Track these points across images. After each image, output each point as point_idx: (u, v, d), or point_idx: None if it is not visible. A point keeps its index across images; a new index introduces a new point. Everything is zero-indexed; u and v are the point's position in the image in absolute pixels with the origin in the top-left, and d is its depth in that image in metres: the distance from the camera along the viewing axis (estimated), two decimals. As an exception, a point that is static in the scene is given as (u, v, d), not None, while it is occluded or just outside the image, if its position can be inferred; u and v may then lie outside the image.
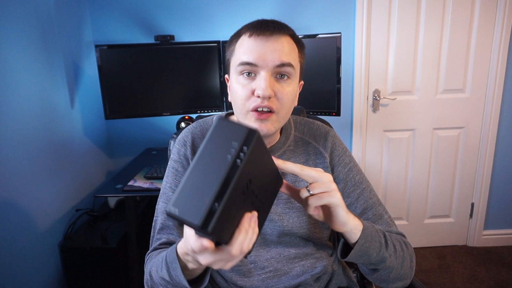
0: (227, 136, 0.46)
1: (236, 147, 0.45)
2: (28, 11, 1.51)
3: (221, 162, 0.45)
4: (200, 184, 0.44)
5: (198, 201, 0.43)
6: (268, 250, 0.84)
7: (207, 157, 0.46)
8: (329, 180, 0.62)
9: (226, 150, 0.45)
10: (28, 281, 1.47)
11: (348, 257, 0.69)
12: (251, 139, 0.46)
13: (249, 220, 0.50)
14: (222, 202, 0.43)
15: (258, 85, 0.73)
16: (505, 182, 2.22)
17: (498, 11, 1.96)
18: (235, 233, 0.49)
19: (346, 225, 0.65)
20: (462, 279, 2.01)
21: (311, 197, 0.61)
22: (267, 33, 0.73)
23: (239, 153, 0.45)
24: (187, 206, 0.44)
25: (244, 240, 0.49)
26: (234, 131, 0.47)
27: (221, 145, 0.46)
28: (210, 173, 0.45)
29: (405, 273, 0.76)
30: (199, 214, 0.43)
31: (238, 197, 0.47)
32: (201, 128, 0.89)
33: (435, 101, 2.11)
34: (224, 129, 0.47)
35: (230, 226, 0.49)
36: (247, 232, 0.50)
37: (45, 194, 1.58)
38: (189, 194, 0.44)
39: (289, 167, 0.60)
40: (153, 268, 0.73)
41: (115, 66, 1.75)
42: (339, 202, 0.63)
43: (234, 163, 0.45)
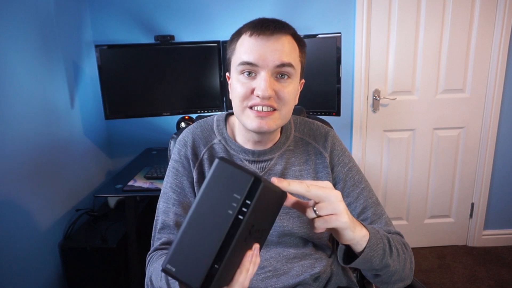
0: (228, 185, 0.42)
1: (239, 200, 0.41)
2: (28, 11, 1.51)
3: (221, 218, 0.41)
4: (199, 242, 0.41)
5: (197, 262, 0.40)
6: (267, 250, 0.84)
7: (206, 208, 0.42)
8: (338, 200, 0.58)
9: (227, 203, 0.41)
10: (28, 281, 1.47)
11: (351, 265, 0.68)
12: (256, 190, 0.42)
13: (251, 258, 0.48)
14: (222, 263, 0.40)
15: (258, 85, 0.73)
16: (505, 182, 2.22)
17: (498, 11, 1.96)
18: (236, 274, 0.47)
19: (352, 241, 0.63)
20: (462, 279, 2.01)
21: (318, 219, 0.58)
22: (267, 33, 0.73)
23: (241, 208, 0.41)
24: (185, 266, 0.41)
25: (245, 279, 0.48)
26: (236, 179, 0.42)
27: (221, 195, 0.42)
28: (209, 230, 0.41)
29: (406, 274, 0.76)
30: (197, 278, 0.40)
31: (240, 246, 0.44)
32: (202, 128, 0.89)
33: (435, 101, 2.11)
34: (224, 175, 0.43)
35: (231, 272, 0.46)
36: (248, 271, 0.48)
37: (45, 194, 1.58)
38: (186, 252, 0.41)
39: (295, 189, 0.55)
40: (154, 274, 0.74)
41: (115, 66, 1.75)
42: (346, 226, 0.59)
43: (236, 219, 0.41)
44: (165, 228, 0.82)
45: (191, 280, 0.40)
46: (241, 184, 0.42)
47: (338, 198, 0.58)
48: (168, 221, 0.82)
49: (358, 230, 0.63)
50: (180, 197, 0.83)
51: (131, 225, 1.65)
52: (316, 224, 0.58)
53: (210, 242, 0.41)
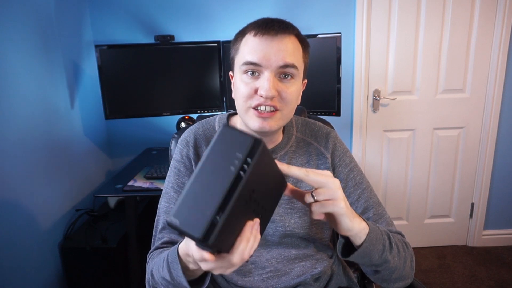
0: (231, 146, 0.45)
1: (240, 158, 0.44)
2: (28, 11, 1.51)
3: (224, 174, 0.44)
4: (202, 196, 0.43)
5: (200, 213, 0.42)
6: (268, 251, 0.84)
7: (210, 166, 0.45)
8: (336, 186, 0.59)
9: (229, 160, 0.44)
10: (28, 281, 1.47)
11: (349, 258, 0.69)
12: (256, 150, 0.45)
13: (251, 228, 0.50)
14: (224, 215, 0.42)
15: (261, 85, 0.73)
16: (505, 182, 2.22)
17: (498, 11, 1.96)
18: (237, 242, 0.49)
19: (350, 231, 0.64)
20: (462, 279, 2.02)
21: (315, 204, 0.59)
22: (272, 33, 0.73)
23: (242, 165, 0.44)
24: (189, 218, 0.43)
25: (245, 248, 0.49)
26: (239, 140, 0.45)
27: (224, 155, 0.45)
28: (212, 184, 0.44)
29: (406, 273, 0.76)
30: (200, 227, 0.42)
31: (241, 207, 0.46)
32: (204, 128, 0.89)
33: (435, 101, 2.11)
34: (228, 138, 0.46)
35: (232, 236, 0.48)
36: (248, 240, 0.49)
37: (45, 194, 1.58)
38: (190, 205, 0.43)
39: (294, 172, 0.58)
40: (155, 267, 0.73)
41: (115, 66, 1.75)
42: (343, 212, 0.60)
43: (238, 175, 0.44)
44: (166, 228, 0.82)
45: (194, 229, 0.42)
46: (243, 144, 0.45)
47: (336, 185, 0.60)
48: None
49: (357, 222, 0.64)
50: None
51: (131, 225, 1.65)
52: (313, 209, 0.59)
53: (213, 195, 0.43)
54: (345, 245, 0.70)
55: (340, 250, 0.70)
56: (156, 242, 0.83)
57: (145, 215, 1.94)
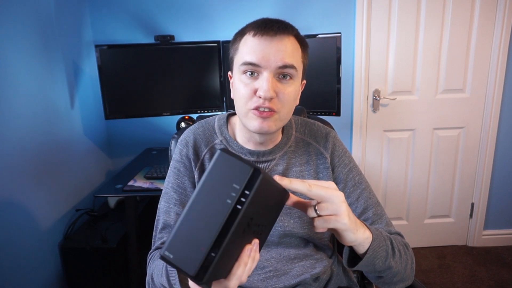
0: (228, 175, 0.42)
1: (238, 190, 0.42)
2: (28, 11, 1.51)
3: (220, 207, 0.42)
4: (197, 230, 0.41)
5: (194, 249, 0.41)
6: (268, 251, 0.84)
7: (206, 197, 0.43)
8: (340, 200, 0.57)
9: (226, 192, 0.42)
10: (28, 281, 1.47)
11: (355, 267, 0.68)
12: (255, 181, 0.42)
13: (249, 251, 0.48)
14: (219, 251, 0.41)
15: (260, 86, 0.73)
16: (505, 182, 2.22)
17: (498, 11, 1.96)
18: (234, 268, 0.47)
19: (353, 242, 0.63)
20: (462, 279, 2.02)
21: (318, 219, 0.57)
22: (271, 33, 0.73)
23: (240, 198, 0.42)
24: (182, 253, 0.41)
25: (242, 273, 0.47)
26: (236, 170, 0.42)
27: (221, 185, 0.42)
28: (208, 218, 0.42)
29: (407, 275, 0.76)
30: (194, 265, 0.40)
31: (238, 238, 0.44)
32: (203, 128, 0.89)
33: (435, 101, 2.11)
34: (225, 166, 0.43)
35: (228, 264, 0.46)
36: (246, 264, 0.48)
37: (45, 194, 1.58)
38: (184, 240, 0.42)
39: (296, 187, 0.55)
40: (155, 271, 0.74)
41: (115, 66, 1.75)
42: (347, 228, 0.59)
43: (235, 208, 0.41)
44: (166, 228, 0.82)
45: (187, 267, 0.41)
46: (240, 175, 0.42)
47: (341, 199, 0.58)
48: (169, 221, 0.82)
49: (360, 232, 0.63)
50: (182, 197, 0.83)
51: (131, 225, 1.65)
52: (316, 223, 0.58)
53: (208, 230, 0.41)
54: (350, 253, 0.70)
55: (346, 260, 0.70)
56: (157, 242, 0.83)
57: (145, 215, 1.94)
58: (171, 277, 0.66)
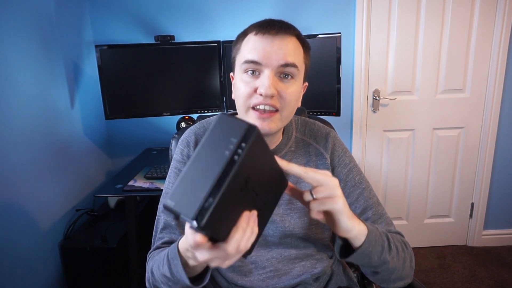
0: (227, 133, 0.46)
1: (235, 143, 0.45)
2: (28, 11, 1.51)
3: (218, 158, 0.45)
4: (197, 179, 0.44)
5: (194, 195, 0.44)
6: (269, 251, 0.84)
7: (206, 152, 0.46)
8: (334, 184, 0.60)
9: (224, 146, 0.45)
10: (28, 281, 1.47)
11: (348, 259, 0.68)
12: (250, 136, 0.46)
13: (248, 218, 0.49)
14: (217, 197, 0.43)
15: (261, 84, 0.73)
16: (505, 182, 2.22)
17: (498, 11, 1.96)
18: (232, 231, 0.49)
19: (350, 232, 0.64)
20: (462, 279, 2.02)
21: (314, 201, 0.59)
22: (272, 32, 0.73)
23: (237, 149, 0.45)
24: (183, 200, 0.44)
25: (241, 238, 0.49)
26: (234, 127, 0.46)
27: (220, 141, 0.46)
28: (207, 168, 0.45)
29: (406, 273, 0.76)
30: (193, 208, 0.43)
31: (236, 194, 0.47)
32: (204, 128, 0.89)
33: (435, 101, 2.11)
34: (224, 126, 0.47)
35: (227, 224, 0.48)
36: (244, 230, 0.49)
37: (45, 194, 1.58)
38: (186, 189, 0.44)
39: (293, 169, 0.58)
40: (155, 265, 0.74)
41: (115, 66, 1.75)
42: (342, 209, 0.60)
43: (231, 159, 0.44)
44: (166, 228, 0.82)
45: (187, 211, 0.43)
46: (238, 130, 0.46)
47: (335, 184, 0.60)
48: (170, 221, 0.82)
49: (356, 222, 0.64)
50: None
51: (131, 225, 1.65)
52: (311, 206, 0.60)
53: (206, 178, 0.44)
54: (343, 246, 0.70)
55: (338, 251, 0.70)
56: (157, 242, 0.83)
57: (145, 215, 1.94)
58: (172, 264, 0.65)
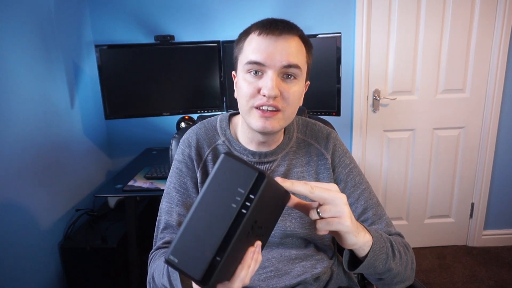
0: (233, 180, 0.43)
1: (243, 194, 0.42)
2: (28, 11, 1.51)
3: (225, 211, 0.42)
4: (202, 234, 0.42)
5: (199, 253, 0.41)
6: (269, 251, 0.84)
7: (211, 201, 0.43)
8: (342, 203, 0.57)
9: (231, 196, 0.42)
10: (28, 281, 1.47)
11: (356, 271, 0.68)
12: (259, 185, 0.43)
13: (252, 254, 0.48)
14: (224, 255, 0.41)
15: (264, 85, 0.73)
16: (505, 182, 2.22)
17: (498, 11, 1.96)
18: (237, 270, 0.47)
19: (354, 245, 0.63)
20: (462, 279, 2.02)
21: (320, 221, 0.57)
22: (276, 33, 0.73)
23: (245, 202, 0.42)
24: (188, 257, 0.41)
25: (246, 275, 0.48)
26: (241, 174, 0.43)
27: (225, 189, 0.43)
28: (212, 222, 0.42)
29: (407, 276, 0.76)
30: (199, 269, 0.41)
31: (242, 240, 0.44)
32: (206, 129, 0.89)
33: (435, 101, 2.11)
34: (229, 170, 0.44)
35: (232, 267, 0.46)
36: (249, 267, 0.48)
37: (45, 194, 1.58)
38: (189, 244, 0.42)
39: (298, 189, 0.55)
40: (156, 271, 0.74)
41: (115, 66, 1.75)
42: (349, 230, 0.58)
43: (240, 213, 0.42)
44: (168, 228, 0.82)
45: (193, 271, 0.41)
46: (245, 179, 0.42)
47: (343, 202, 0.57)
48: (171, 221, 0.82)
49: (361, 236, 0.63)
50: (184, 197, 0.83)
51: (131, 225, 1.65)
52: (318, 226, 0.58)
53: (213, 234, 0.41)
54: (350, 256, 0.70)
55: (347, 264, 0.70)
56: (158, 242, 0.83)
57: (145, 215, 1.94)
58: (172, 278, 0.65)
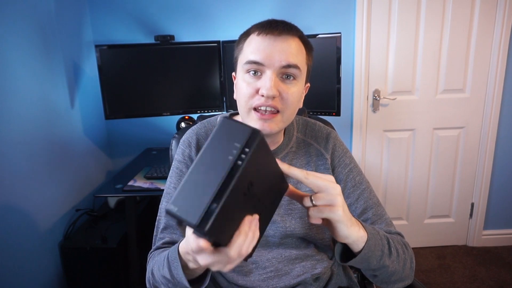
0: (230, 137, 0.46)
1: (238, 148, 0.45)
2: (28, 11, 1.51)
3: (222, 163, 0.44)
4: (200, 184, 0.44)
5: (197, 200, 0.43)
6: (269, 251, 0.84)
7: (209, 156, 0.46)
8: (336, 192, 0.58)
9: (228, 150, 0.45)
10: (28, 281, 1.47)
11: (347, 263, 0.69)
12: (254, 140, 0.45)
13: (250, 223, 0.49)
14: (220, 203, 0.43)
15: (263, 85, 0.73)
16: (505, 182, 2.22)
17: (498, 11, 1.96)
18: (234, 236, 0.48)
19: (348, 238, 0.64)
20: (462, 279, 2.02)
21: (313, 208, 0.59)
22: (275, 33, 0.73)
23: (240, 154, 0.45)
24: (186, 205, 0.44)
25: (243, 243, 0.49)
26: (237, 131, 0.46)
27: (223, 145, 0.46)
28: (210, 173, 0.44)
29: (406, 275, 0.76)
30: (196, 214, 0.42)
31: (239, 199, 0.46)
32: (206, 129, 0.89)
33: (435, 101, 2.11)
34: (228, 129, 0.47)
35: (229, 228, 0.48)
36: (246, 235, 0.49)
37: (45, 194, 1.58)
38: (188, 193, 0.44)
39: (294, 173, 0.57)
40: (155, 266, 0.74)
41: (115, 66, 1.75)
42: (340, 219, 0.59)
43: (235, 164, 0.44)
44: (167, 228, 0.82)
45: (189, 216, 0.43)
46: (241, 135, 0.46)
47: (337, 191, 0.59)
48: (170, 221, 0.82)
49: (355, 230, 0.64)
50: None
51: (131, 225, 1.65)
52: (310, 213, 0.59)
53: (210, 183, 0.44)
54: (344, 250, 0.70)
55: (339, 255, 0.70)
56: (157, 242, 0.83)
57: (145, 215, 1.94)
58: (173, 267, 0.65)
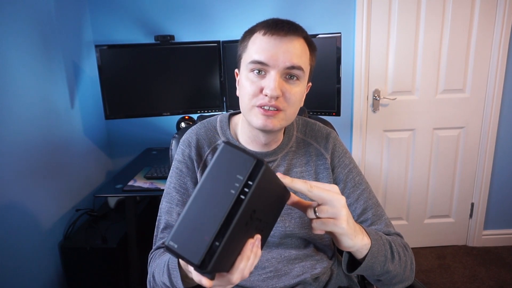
0: (232, 167, 0.43)
1: (241, 180, 0.42)
2: (28, 11, 1.51)
3: (224, 197, 0.42)
4: (201, 220, 0.42)
5: (198, 238, 0.41)
6: (269, 251, 0.85)
7: (210, 188, 0.43)
8: (340, 205, 0.57)
9: (230, 183, 0.43)
10: (28, 281, 1.47)
11: (354, 273, 0.69)
12: (258, 172, 0.43)
13: (252, 246, 0.49)
14: (223, 240, 0.41)
15: (267, 85, 0.73)
16: (505, 182, 2.22)
17: (498, 11, 1.96)
18: (237, 261, 0.47)
19: (351, 248, 0.63)
20: (462, 279, 2.02)
21: (316, 220, 0.58)
22: (281, 33, 0.73)
23: (243, 188, 0.42)
24: (187, 242, 0.42)
25: (245, 267, 0.48)
26: (240, 161, 0.43)
27: (225, 176, 0.43)
28: (212, 208, 0.42)
29: (406, 276, 0.77)
30: (198, 254, 0.41)
31: (241, 229, 0.45)
32: (206, 129, 0.89)
33: (435, 101, 2.11)
34: (229, 158, 0.44)
35: (231, 257, 0.47)
36: (248, 258, 0.48)
37: (45, 194, 1.58)
38: (189, 229, 0.42)
39: (298, 186, 0.55)
40: (156, 270, 0.74)
41: (115, 66, 1.75)
42: (344, 232, 0.58)
43: (238, 198, 0.42)
44: (168, 228, 0.83)
45: (191, 255, 0.41)
46: (244, 166, 0.43)
47: (341, 204, 0.57)
48: (171, 221, 0.82)
49: (359, 239, 0.63)
50: (184, 197, 0.83)
51: (131, 225, 1.65)
52: (313, 225, 0.58)
53: (212, 219, 0.42)
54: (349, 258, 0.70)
55: (346, 266, 0.70)
56: (158, 242, 0.83)
57: (145, 215, 1.94)
58: (173, 275, 0.66)
